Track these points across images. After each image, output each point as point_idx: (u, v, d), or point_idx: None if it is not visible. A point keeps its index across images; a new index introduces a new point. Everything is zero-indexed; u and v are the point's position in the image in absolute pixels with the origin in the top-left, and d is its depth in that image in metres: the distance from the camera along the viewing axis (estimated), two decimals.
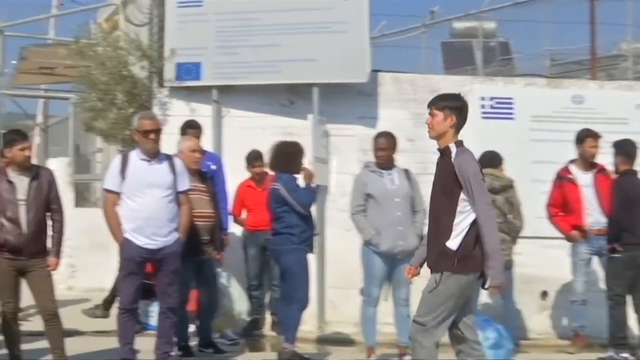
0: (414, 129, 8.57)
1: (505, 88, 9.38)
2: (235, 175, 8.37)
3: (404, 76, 9.48)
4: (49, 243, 6.31)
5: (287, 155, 7.00)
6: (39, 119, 21.80)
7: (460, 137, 4.95)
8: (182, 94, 9.11)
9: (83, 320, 8.38)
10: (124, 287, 6.36)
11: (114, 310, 7.36)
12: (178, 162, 6.48)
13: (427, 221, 5.14)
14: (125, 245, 6.25)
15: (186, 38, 9.07)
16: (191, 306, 7.18)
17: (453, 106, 4.91)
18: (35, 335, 6.85)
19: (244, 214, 8.50)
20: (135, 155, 6.34)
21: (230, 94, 9.07)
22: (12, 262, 6.18)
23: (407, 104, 9.12)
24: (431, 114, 4.92)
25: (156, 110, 8.99)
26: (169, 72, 9.07)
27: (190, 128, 7.90)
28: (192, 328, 7.32)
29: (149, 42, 9.42)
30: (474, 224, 4.78)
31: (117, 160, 6.42)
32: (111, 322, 7.01)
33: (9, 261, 6.18)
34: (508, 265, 7.06)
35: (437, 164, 4.98)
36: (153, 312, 7.56)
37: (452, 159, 4.82)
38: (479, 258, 4.80)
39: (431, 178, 5.00)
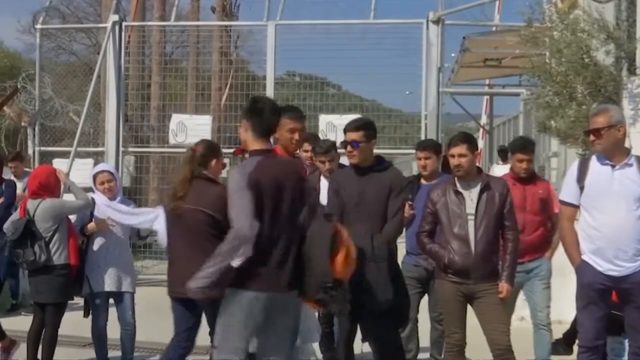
0: None
1: None
2: None
3: None
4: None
5: None
6: (483, 119, 22.84)
7: None
8: None
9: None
10: (584, 319, 6.39)
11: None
12: None
13: None
14: (582, 270, 6.29)
15: None
16: None
17: (244, 112, 5.73)
18: None
19: None
20: (596, 160, 6.39)
21: None
22: (459, 286, 6.62)
23: None
24: None
25: (625, 103, 9.00)
26: None
27: None
28: None
29: (615, 22, 9.45)
30: (262, 239, 5.42)
31: (574, 167, 6.52)
32: None
33: (454, 285, 6.63)
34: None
35: None
36: (624, 351, 7.56)
37: None
38: (268, 276, 5.47)
39: None
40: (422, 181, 7.81)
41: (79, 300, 8.27)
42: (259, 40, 15.80)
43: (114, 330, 8.18)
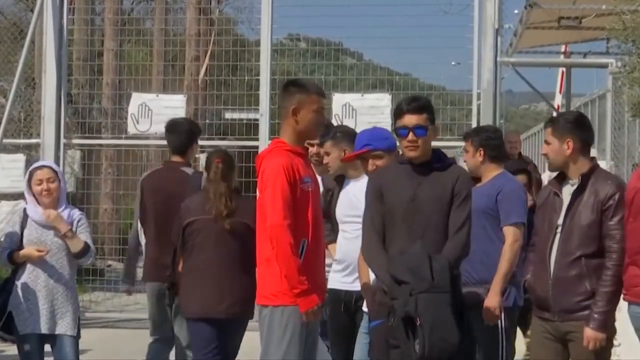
0: None
1: None
2: None
3: None
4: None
5: None
6: (558, 99, 22.72)
7: None
8: None
9: None
10: None
11: None
12: None
13: None
14: None
15: None
16: None
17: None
18: None
19: None
20: None
21: None
22: (544, 323, 6.58)
23: None
24: None
25: None
26: None
27: None
28: None
29: None
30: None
31: None
32: None
33: (541, 322, 6.61)
34: None
35: None
36: None
37: None
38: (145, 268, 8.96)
39: None
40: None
41: (5, 348, 8.23)
42: None
43: None
